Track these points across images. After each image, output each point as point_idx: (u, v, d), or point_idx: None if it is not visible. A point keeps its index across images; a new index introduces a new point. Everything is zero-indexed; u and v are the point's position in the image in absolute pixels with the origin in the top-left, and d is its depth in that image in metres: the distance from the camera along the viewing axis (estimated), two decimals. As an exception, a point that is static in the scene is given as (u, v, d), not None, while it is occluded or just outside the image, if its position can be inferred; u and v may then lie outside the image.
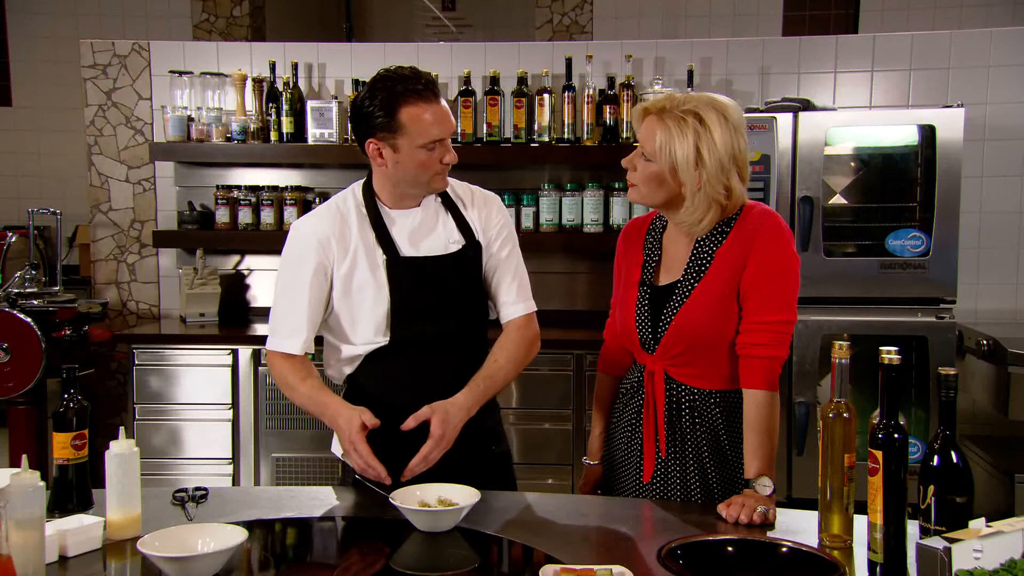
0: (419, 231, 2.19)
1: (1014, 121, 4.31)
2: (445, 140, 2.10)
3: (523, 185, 4.49)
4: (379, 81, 2.09)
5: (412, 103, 2.04)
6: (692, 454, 2.09)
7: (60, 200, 5.46)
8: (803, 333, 3.76)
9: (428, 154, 2.08)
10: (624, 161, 2.09)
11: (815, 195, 3.76)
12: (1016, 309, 4.40)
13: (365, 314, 2.15)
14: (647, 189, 2.05)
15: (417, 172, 2.10)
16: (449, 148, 2.11)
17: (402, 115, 2.05)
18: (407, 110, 2.04)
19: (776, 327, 2.01)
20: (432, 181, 2.13)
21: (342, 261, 2.14)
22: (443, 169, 2.13)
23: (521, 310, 2.26)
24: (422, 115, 2.05)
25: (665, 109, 2.01)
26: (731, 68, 4.46)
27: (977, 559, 1.43)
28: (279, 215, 4.41)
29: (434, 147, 2.07)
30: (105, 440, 1.86)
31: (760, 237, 2.03)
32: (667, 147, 1.99)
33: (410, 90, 2.05)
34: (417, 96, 2.04)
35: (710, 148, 1.97)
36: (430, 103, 2.05)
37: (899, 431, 1.60)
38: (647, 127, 2.03)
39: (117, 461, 1.81)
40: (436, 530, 1.83)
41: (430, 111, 2.05)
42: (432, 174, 2.11)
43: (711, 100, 2.01)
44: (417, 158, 2.08)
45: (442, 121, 2.07)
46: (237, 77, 4.39)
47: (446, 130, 2.08)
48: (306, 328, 2.16)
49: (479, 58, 4.53)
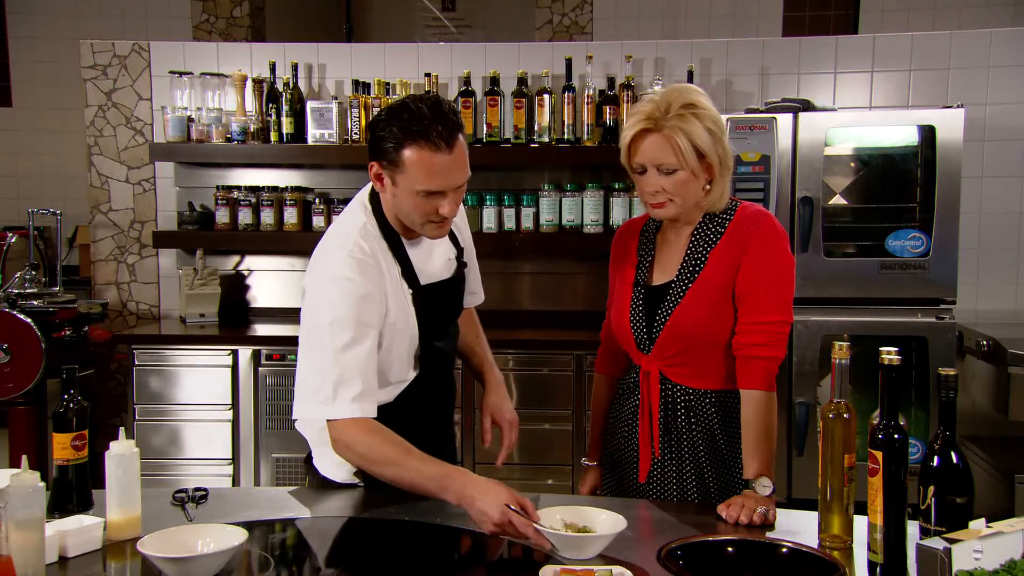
0: (425, 254, 2.14)
1: (1014, 121, 4.31)
2: (446, 192, 1.94)
3: (523, 185, 4.49)
4: (399, 111, 1.93)
5: (420, 146, 1.89)
6: (688, 454, 2.09)
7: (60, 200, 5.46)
8: (803, 333, 3.76)
9: (424, 200, 1.94)
10: (647, 188, 2.03)
11: (815, 195, 3.76)
12: (1016, 309, 4.40)
13: (400, 352, 2.06)
14: (681, 199, 2.02)
15: (411, 212, 1.98)
16: (450, 201, 1.95)
17: (406, 154, 1.91)
18: (413, 152, 1.90)
19: (773, 327, 2.01)
20: (425, 228, 2.00)
21: (384, 309, 2.01)
22: (440, 219, 1.98)
23: (479, 299, 2.40)
24: (424, 163, 1.90)
25: (659, 120, 1.99)
26: (731, 68, 4.46)
27: (977, 560, 1.43)
28: (279, 216, 4.41)
29: (431, 196, 1.94)
30: (105, 440, 1.86)
31: (755, 238, 2.04)
32: (690, 145, 1.98)
33: (422, 133, 1.89)
34: (428, 141, 1.89)
35: (713, 119, 2.01)
36: (439, 151, 1.89)
37: (899, 431, 1.60)
38: (656, 146, 2.00)
39: (117, 461, 1.81)
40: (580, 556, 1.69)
41: (435, 160, 1.89)
42: (426, 220, 1.98)
43: (680, 88, 2.05)
44: (411, 200, 1.95)
45: (445, 173, 1.91)
46: (237, 78, 4.39)
47: (447, 183, 1.93)
48: (375, 388, 1.97)
49: (479, 58, 4.53)
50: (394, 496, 2.02)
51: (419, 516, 1.93)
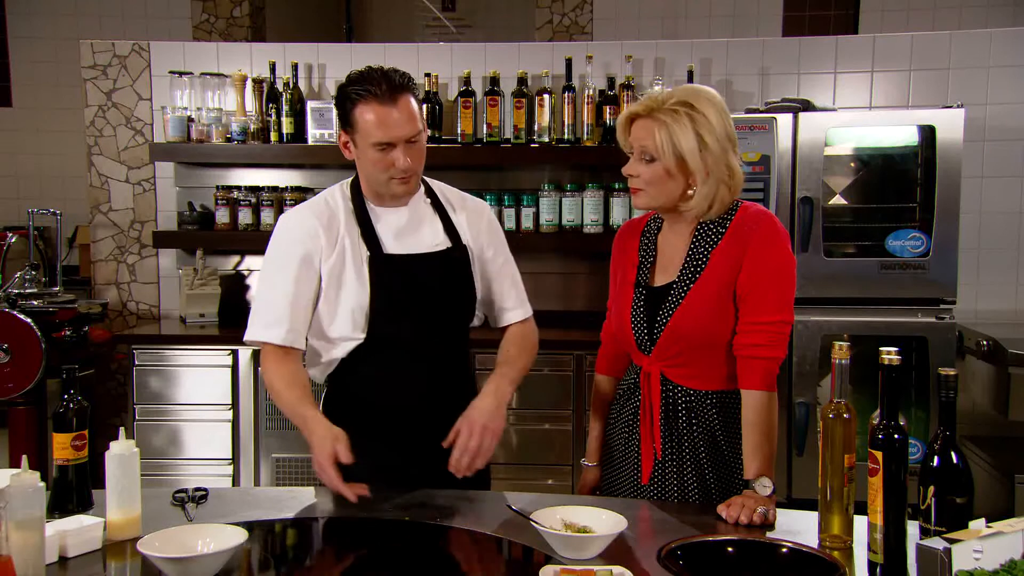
0: (405, 229, 2.21)
1: (1014, 121, 4.31)
2: (398, 144, 2.08)
3: (523, 185, 4.50)
4: (353, 79, 2.13)
5: (366, 101, 2.07)
6: (689, 455, 2.09)
7: (60, 200, 5.47)
8: (803, 333, 3.76)
9: (379, 154, 2.09)
10: (625, 170, 2.08)
11: (815, 195, 3.76)
12: (1016, 309, 4.40)
13: (343, 309, 2.15)
14: (655, 190, 2.04)
15: (373, 171, 2.12)
16: (403, 153, 2.09)
17: (355, 114, 2.09)
18: (359, 109, 2.08)
19: (774, 328, 2.01)
20: (389, 185, 2.13)
21: (329, 254, 2.15)
22: (399, 175, 2.11)
23: (520, 315, 2.34)
24: (371, 115, 2.07)
25: (653, 108, 2.01)
26: (731, 68, 4.46)
27: (977, 560, 1.43)
28: (279, 216, 4.40)
29: (384, 149, 2.08)
30: (105, 441, 1.86)
31: (756, 238, 2.03)
32: (669, 141, 1.99)
33: (366, 91, 2.07)
34: (372, 97, 2.07)
35: (710, 131, 1.99)
36: (383, 105, 2.06)
37: (899, 432, 1.60)
38: (641, 129, 2.03)
39: (117, 462, 1.81)
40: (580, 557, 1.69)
41: (379, 113, 2.06)
42: (387, 177, 2.11)
43: (694, 88, 2.04)
44: (369, 156, 2.10)
45: (392, 125, 2.06)
46: (237, 78, 4.39)
47: (395, 134, 2.07)
48: (288, 317, 2.13)
49: (479, 58, 4.53)
50: (394, 496, 2.02)
51: (419, 516, 1.93)
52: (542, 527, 1.72)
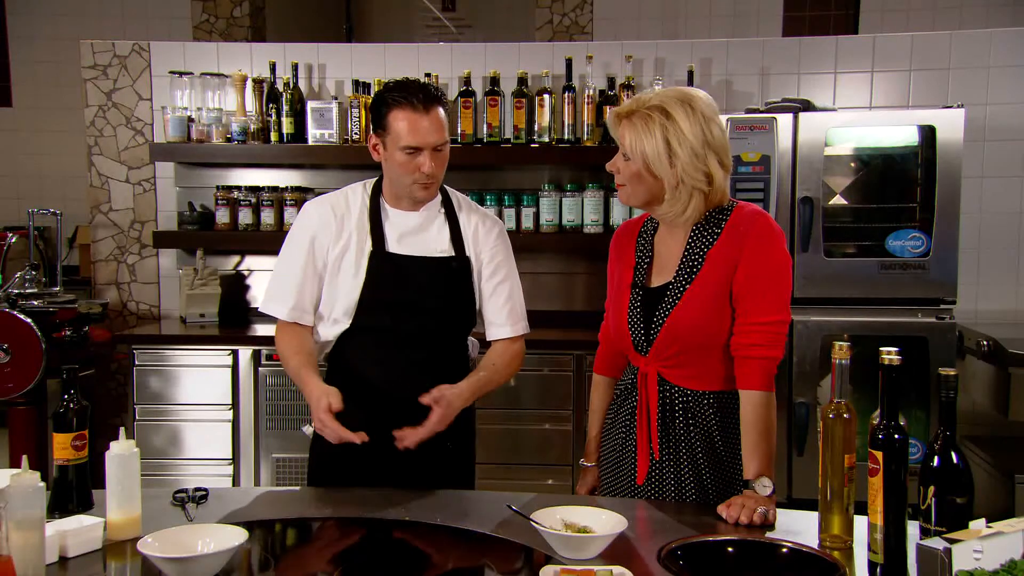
0: (411, 232, 2.33)
1: (1014, 121, 4.31)
2: (424, 150, 2.22)
3: (523, 185, 4.50)
4: (391, 87, 2.27)
5: (402, 107, 2.22)
6: (686, 455, 2.09)
7: (60, 200, 5.47)
8: (803, 333, 3.76)
9: (406, 158, 2.22)
10: (608, 165, 2.14)
11: (815, 195, 3.76)
12: (1016, 309, 4.40)
13: (340, 297, 2.30)
14: (631, 188, 2.09)
15: (399, 173, 2.25)
16: (429, 159, 2.22)
17: (389, 118, 2.24)
18: (394, 114, 2.23)
19: (771, 328, 2.01)
20: (413, 189, 2.27)
21: (336, 243, 2.30)
22: (423, 179, 2.24)
23: (507, 332, 2.40)
24: (405, 120, 2.21)
25: (633, 110, 2.05)
26: (731, 68, 4.46)
27: (977, 560, 1.43)
28: (279, 216, 4.41)
29: (412, 153, 2.21)
30: (105, 441, 1.86)
31: (752, 238, 2.04)
32: (637, 145, 2.02)
33: (403, 98, 2.22)
34: (408, 104, 2.21)
35: (680, 139, 1.99)
36: (416, 112, 2.21)
37: (899, 432, 1.60)
38: (621, 128, 2.07)
39: (117, 462, 1.81)
40: (580, 557, 1.69)
41: (411, 119, 2.21)
42: (411, 180, 2.25)
43: (677, 92, 2.04)
44: (397, 159, 2.23)
45: (423, 131, 2.20)
46: (237, 78, 4.39)
47: (425, 140, 2.21)
48: (294, 296, 2.30)
49: (479, 59, 4.53)
50: (394, 496, 2.02)
51: (419, 516, 1.93)
52: (542, 527, 1.72)
